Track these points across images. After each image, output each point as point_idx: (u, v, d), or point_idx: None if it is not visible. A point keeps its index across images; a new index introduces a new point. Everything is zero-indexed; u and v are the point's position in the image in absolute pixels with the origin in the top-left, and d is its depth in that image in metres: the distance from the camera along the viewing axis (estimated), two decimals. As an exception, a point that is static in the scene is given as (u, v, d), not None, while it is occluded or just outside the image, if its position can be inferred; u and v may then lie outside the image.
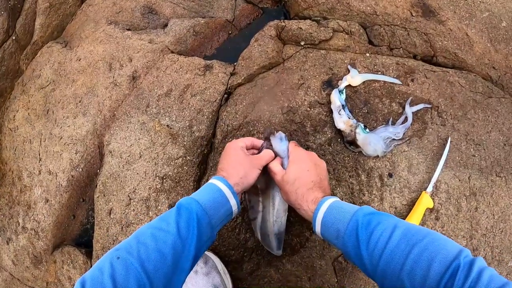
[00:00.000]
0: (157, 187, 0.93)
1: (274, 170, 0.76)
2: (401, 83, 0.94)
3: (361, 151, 0.88)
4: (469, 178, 0.88)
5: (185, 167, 0.94)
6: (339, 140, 0.91)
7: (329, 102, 0.92)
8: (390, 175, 0.88)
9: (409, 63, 0.97)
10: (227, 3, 1.20)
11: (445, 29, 1.00)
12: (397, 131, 0.88)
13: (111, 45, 1.09)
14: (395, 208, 0.87)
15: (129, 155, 0.97)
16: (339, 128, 0.88)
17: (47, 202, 1.03)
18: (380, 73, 0.95)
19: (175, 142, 0.95)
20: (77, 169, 1.02)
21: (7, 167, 1.14)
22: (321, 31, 1.01)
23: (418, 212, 0.84)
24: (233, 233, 0.90)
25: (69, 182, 1.02)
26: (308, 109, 0.93)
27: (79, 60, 1.11)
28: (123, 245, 0.58)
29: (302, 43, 1.02)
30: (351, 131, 0.87)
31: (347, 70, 0.96)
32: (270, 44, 1.01)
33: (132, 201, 0.94)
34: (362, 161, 0.89)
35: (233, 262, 0.90)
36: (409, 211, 0.86)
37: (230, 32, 1.17)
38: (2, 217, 1.13)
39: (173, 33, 1.09)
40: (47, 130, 1.08)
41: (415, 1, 1.02)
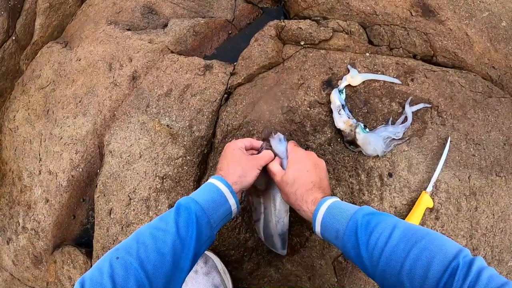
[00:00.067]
0: (157, 187, 0.93)
1: (273, 170, 0.76)
2: (401, 83, 0.94)
3: (361, 151, 0.88)
4: (469, 177, 0.88)
5: (185, 167, 0.94)
6: (339, 140, 0.91)
7: (329, 102, 0.92)
8: (390, 175, 0.88)
9: (409, 62, 0.97)
10: (227, 3, 1.20)
11: (445, 28, 1.00)
12: (397, 130, 0.88)
13: (111, 45, 1.09)
14: (395, 207, 0.87)
15: (129, 155, 0.97)
16: (339, 127, 0.88)
17: (47, 202, 1.03)
18: (380, 72, 0.95)
19: (175, 142, 0.95)
20: (77, 169, 1.02)
21: (7, 167, 1.14)
22: (321, 31, 1.01)
23: (418, 211, 0.84)
24: (233, 232, 0.90)
25: (69, 182, 1.02)
26: (308, 109, 0.93)
27: (79, 60, 1.11)
28: (123, 245, 0.58)
29: (302, 43, 1.02)
30: (351, 130, 0.87)
31: (347, 70, 0.95)
32: (270, 44, 1.01)
33: (132, 201, 0.94)
34: (362, 161, 0.89)
35: (233, 261, 0.90)
36: (409, 211, 0.86)
37: (230, 32, 1.17)
38: (2, 217, 1.13)
39: (173, 33, 1.09)
40: (47, 130, 1.08)
41: (415, 1, 1.02)
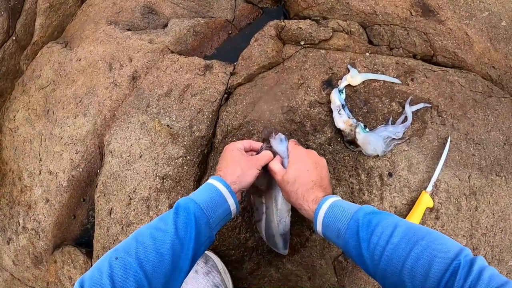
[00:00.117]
0: (158, 187, 0.93)
1: (274, 169, 0.76)
2: (401, 83, 0.94)
3: (361, 151, 0.88)
4: (469, 177, 0.88)
5: (185, 167, 0.94)
6: (339, 139, 0.91)
7: (329, 101, 0.92)
8: (390, 175, 0.88)
9: (408, 62, 0.97)
10: (227, 3, 1.20)
11: (445, 28, 1.00)
12: (397, 130, 0.88)
13: (111, 45, 1.09)
14: (395, 207, 0.87)
15: (129, 155, 0.97)
16: (339, 127, 0.88)
17: (48, 202, 1.03)
18: (380, 72, 0.95)
19: (175, 142, 0.95)
20: (78, 169, 1.02)
21: (8, 167, 1.14)
22: (321, 30, 1.01)
23: (418, 211, 0.84)
24: (233, 232, 0.90)
25: (70, 182, 1.02)
26: (308, 108, 0.93)
27: (79, 60, 1.11)
28: (122, 246, 0.58)
29: (302, 43, 1.02)
30: (351, 130, 0.87)
31: (347, 69, 0.96)
32: (270, 43, 1.01)
33: (132, 201, 0.94)
34: (362, 161, 0.89)
35: (234, 261, 0.90)
36: (409, 211, 0.86)
37: (230, 32, 1.17)
38: (2, 217, 1.13)
39: (173, 33, 1.09)
40: (48, 130, 1.08)
41: (415, 1, 1.02)
